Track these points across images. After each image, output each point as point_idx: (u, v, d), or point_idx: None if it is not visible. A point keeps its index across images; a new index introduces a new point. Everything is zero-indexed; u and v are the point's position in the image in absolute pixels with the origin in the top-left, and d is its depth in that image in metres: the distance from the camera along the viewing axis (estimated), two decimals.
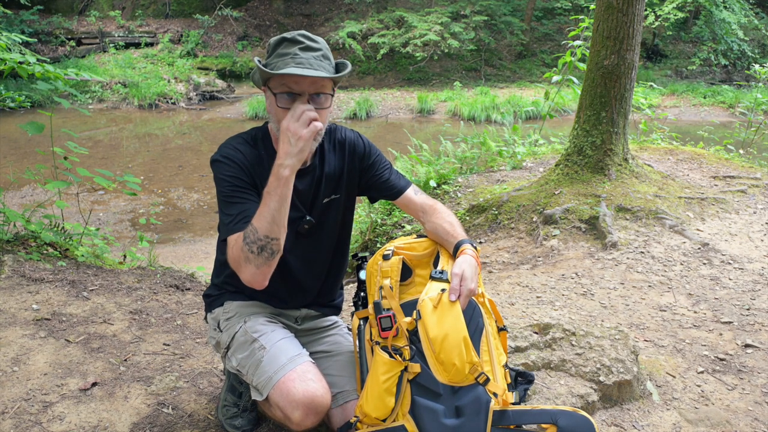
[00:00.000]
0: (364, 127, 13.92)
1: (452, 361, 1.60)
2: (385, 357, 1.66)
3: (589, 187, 4.59)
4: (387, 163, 2.03)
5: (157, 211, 7.67)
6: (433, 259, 1.81)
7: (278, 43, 1.74)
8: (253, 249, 1.63)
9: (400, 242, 1.82)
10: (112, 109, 14.68)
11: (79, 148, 4.06)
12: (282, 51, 1.71)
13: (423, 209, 1.98)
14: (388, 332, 1.67)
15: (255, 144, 1.83)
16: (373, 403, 1.66)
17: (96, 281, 3.32)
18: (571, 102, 10.84)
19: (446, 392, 1.66)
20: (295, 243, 1.91)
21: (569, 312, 2.96)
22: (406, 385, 1.67)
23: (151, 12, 18.72)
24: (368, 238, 5.34)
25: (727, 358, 2.55)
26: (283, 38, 1.73)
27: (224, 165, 1.76)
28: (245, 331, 1.88)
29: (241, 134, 1.87)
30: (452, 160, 6.35)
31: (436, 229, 1.89)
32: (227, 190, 1.75)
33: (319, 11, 19.63)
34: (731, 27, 16.92)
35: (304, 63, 1.68)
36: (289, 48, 1.71)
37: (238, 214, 1.71)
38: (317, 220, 1.92)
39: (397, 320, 1.67)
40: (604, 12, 4.51)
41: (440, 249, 1.81)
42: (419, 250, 1.80)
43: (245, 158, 1.78)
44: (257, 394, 1.80)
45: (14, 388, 2.23)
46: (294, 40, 1.72)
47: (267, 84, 1.75)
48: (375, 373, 1.68)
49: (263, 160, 1.80)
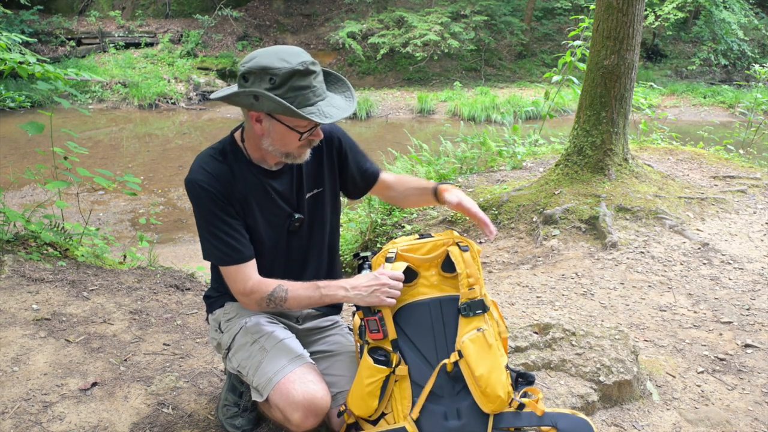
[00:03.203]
0: (364, 127, 13.92)
1: (497, 394, 1.67)
2: (369, 362, 1.69)
3: (589, 187, 4.59)
4: (361, 150, 2.06)
5: (157, 211, 7.67)
6: (442, 261, 1.76)
7: (290, 76, 1.63)
8: (270, 306, 1.81)
9: (403, 243, 1.79)
10: (112, 109, 14.67)
11: (79, 148, 4.06)
12: (297, 84, 1.64)
13: (391, 185, 2.08)
14: (375, 334, 1.72)
15: (225, 157, 1.82)
16: (356, 402, 1.73)
17: (96, 281, 3.32)
18: (571, 102, 10.85)
19: (448, 394, 1.67)
20: (290, 242, 1.93)
21: (569, 312, 2.96)
22: (392, 387, 1.70)
23: (151, 12, 18.70)
24: (368, 238, 5.34)
25: (727, 358, 2.55)
26: (296, 71, 1.63)
27: (198, 191, 1.77)
28: (246, 332, 1.89)
29: (209, 151, 1.83)
30: (452, 160, 6.35)
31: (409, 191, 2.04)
32: (207, 218, 1.79)
33: (319, 11, 19.61)
34: (731, 27, 16.90)
35: (326, 96, 1.71)
36: (303, 80, 1.65)
37: (227, 246, 1.79)
38: (307, 216, 1.93)
39: (386, 324, 1.72)
40: (604, 12, 4.51)
41: (450, 251, 1.74)
42: (423, 253, 1.77)
43: (217, 181, 1.77)
44: (257, 395, 1.80)
45: (14, 388, 2.23)
46: (307, 71, 1.65)
47: (270, 113, 1.69)
48: (360, 375, 1.72)
49: (234, 172, 1.81)
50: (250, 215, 1.84)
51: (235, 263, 1.80)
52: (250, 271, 1.81)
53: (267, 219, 1.87)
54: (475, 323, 1.70)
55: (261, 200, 1.84)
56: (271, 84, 1.64)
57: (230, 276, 1.82)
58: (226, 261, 1.80)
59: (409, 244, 1.78)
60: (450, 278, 1.75)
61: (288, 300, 1.79)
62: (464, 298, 1.71)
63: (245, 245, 1.81)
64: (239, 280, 1.81)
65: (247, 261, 1.81)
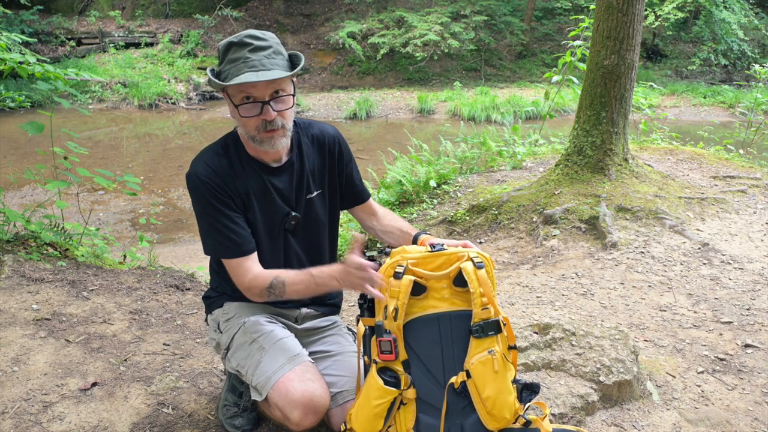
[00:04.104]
0: (364, 127, 13.92)
1: (504, 416, 1.67)
2: (379, 383, 1.65)
3: (589, 187, 4.59)
4: (357, 167, 2.08)
5: (157, 211, 7.67)
6: (454, 278, 1.67)
7: (227, 49, 1.71)
8: (272, 297, 1.80)
9: (413, 256, 1.68)
10: (112, 109, 14.67)
11: (79, 148, 4.06)
12: (232, 56, 1.69)
13: (377, 215, 2.09)
14: (387, 356, 1.65)
15: (227, 152, 1.84)
16: (361, 423, 1.68)
17: (96, 281, 3.32)
18: (571, 102, 10.84)
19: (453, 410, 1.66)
20: (287, 240, 1.92)
21: (569, 312, 2.96)
22: (397, 408, 1.67)
23: (151, 12, 18.70)
24: (368, 237, 5.34)
25: (727, 358, 2.55)
26: (231, 43, 1.71)
27: (197, 184, 1.78)
28: (244, 331, 1.89)
29: (213, 146, 1.86)
30: (452, 160, 6.34)
31: (390, 228, 2.03)
32: (207, 210, 1.79)
33: (319, 11, 19.61)
34: (731, 27, 16.90)
35: (257, 65, 1.67)
36: (239, 52, 1.69)
37: (227, 239, 1.79)
38: (303, 216, 1.93)
39: (398, 347, 1.66)
40: (604, 12, 4.51)
41: (463, 269, 1.65)
42: (434, 267, 1.68)
43: (217, 175, 1.78)
44: (257, 395, 1.80)
45: (14, 388, 2.23)
46: (242, 43, 1.69)
47: (225, 91, 1.75)
48: (368, 396, 1.67)
49: (236, 167, 1.82)
50: (249, 210, 1.84)
51: (236, 256, 1.80)
52: (252, 264, 1.81)
53: (265, 215, 1.87)
54: (487, 344, 1.65)
55: (260, 196, 1.85)
56: (218, 61, 1.75)
57: (232, 269, 1.83)
58: (227, 254, 1.81)
59: (420, 257, 1.68)
60: (462, 292, 1.67)
61: (286, 290, 1.78)
62: (477, 318, 1.65)
63: (246, 238, 1.81)
64: (240, 273, 1.81)
65: (248, 254, 1.81)
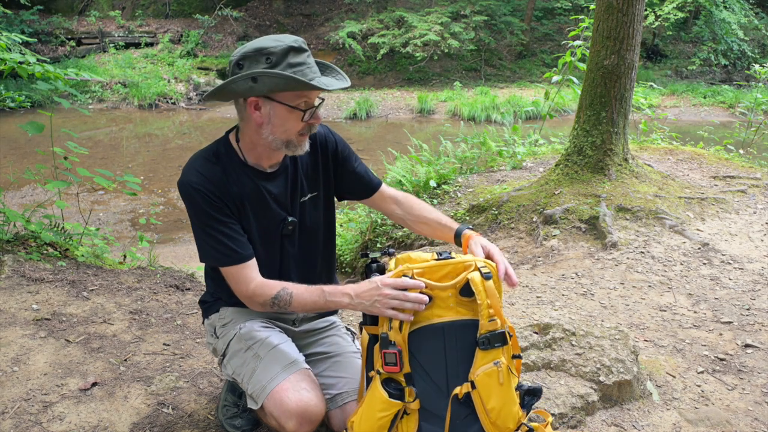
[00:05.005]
0: (364, 127, 13.93)
1: (507, 425, 1.66)
2: (384, 396, 1.62)
3: (589, 187, 4.59)
4: (359, 158, 2.04)
5: (157, 211, 7.67)
6: (461, 287, 1.64)
7: (286, 53, 1.65)
8: (274, 308, 1.77)
9: (419, 266, 1.64)
10: (112, 109, 14.68)
11: (79, 148, 4.05)
12: (293, 60, 1.65)
13: (397, 200, 2.04)
14: (391, 368, 1.63)
15: (218, 160, 1.79)
16: None
17: (96, 281, 3.32)
18: (571, 102, 10.83)
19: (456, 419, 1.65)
20: (283, 246, 1.89)
21: (569, 312, 2.96)
22: (400, 418, 1.65)
23: (151, 12, 18.71)
24: (368, 238, 5.34)
25: (727, 358, 2.55)
26: (292, 47, 1.66)
27: (191, 193, 1.74)
28: (240, 338, 1.86)
29: (203, 153, 1.81)
30: (452, 160, 6.34)
31: (425, 219, 1.98)
32: (202, 218, 1.76)
33: (319, 11, 19.62)
34: (731, 27, 16.91)
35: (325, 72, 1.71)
36: (298, 57, 1.67)
37: (224, 247, 1.76)
38: (300, 220, 1.90)
39: (403, 359, 1.63)
40: (604, 12, 4.51)
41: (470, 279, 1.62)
42: (440, 277, 1.65)
43: (210, 182, 1.74)
44: (252, 403, 1.78)
45: (14, 388, 2.23)
46: (301, 49, 1.67)
47: (270, 96, 1.69)
48: (372, 407, 1.64)
49: (229, 174, 1.78)
50: (244, 217, 1.81)
51: (235, 263, 1.76)
52: (252, 273, 1.77)
53: (261, 222, 1.83)
54: (493, 356, 1.63)
55: (255, 203, 1.81)
56: (268, 63, 1.65)
57: (231, 277, 1.78)
58: (225, 262, 1.77)
59: (426, 267, 1.64)
60: (467, 302, 1.64)
61: (292, 304, 1.75)
62: (483, 329, 1.62)
63: (243, 245, 1.77)
64: (241, 281, 1.77)
65: (247, 261, 1.77)
